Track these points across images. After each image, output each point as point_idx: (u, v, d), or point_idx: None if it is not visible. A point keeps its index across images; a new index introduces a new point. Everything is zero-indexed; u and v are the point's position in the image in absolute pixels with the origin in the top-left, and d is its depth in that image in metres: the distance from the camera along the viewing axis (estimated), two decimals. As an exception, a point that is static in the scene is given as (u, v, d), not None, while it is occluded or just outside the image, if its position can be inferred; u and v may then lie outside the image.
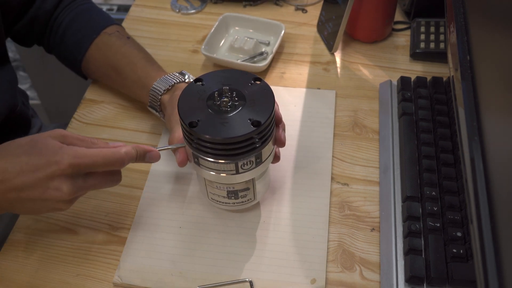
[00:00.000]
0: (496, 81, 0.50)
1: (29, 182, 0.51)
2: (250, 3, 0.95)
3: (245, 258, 0.61)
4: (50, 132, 0.53)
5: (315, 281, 0.58)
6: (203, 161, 0.54)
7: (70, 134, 0.54)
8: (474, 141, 0.47)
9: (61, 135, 0.53)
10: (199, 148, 0.53)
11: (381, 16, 0.84)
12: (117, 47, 0.75)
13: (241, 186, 0.58)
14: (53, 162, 0.50)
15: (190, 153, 0.55)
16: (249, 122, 0.52)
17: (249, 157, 0.53)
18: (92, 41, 0.76)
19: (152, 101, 0.68)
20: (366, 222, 0.64)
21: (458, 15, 0.59)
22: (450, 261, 0.57)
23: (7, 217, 0.77)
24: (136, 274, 0.60)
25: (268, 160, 0.57)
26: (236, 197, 0.59)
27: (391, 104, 0.75)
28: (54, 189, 0.51)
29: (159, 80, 0.68)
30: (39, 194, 0.51)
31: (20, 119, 0.82)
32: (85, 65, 0.78)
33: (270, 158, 0.57)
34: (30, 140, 0.52)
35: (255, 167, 0.55)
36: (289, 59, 0.85)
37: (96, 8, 0.81)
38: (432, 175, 0.64)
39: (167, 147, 0.59)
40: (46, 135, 0.53)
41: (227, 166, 0.53)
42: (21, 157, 0.51)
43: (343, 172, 0.70)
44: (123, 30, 0.79)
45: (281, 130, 0.59)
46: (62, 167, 0.50)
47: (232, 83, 0.55)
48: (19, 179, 0.51)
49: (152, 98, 0.68)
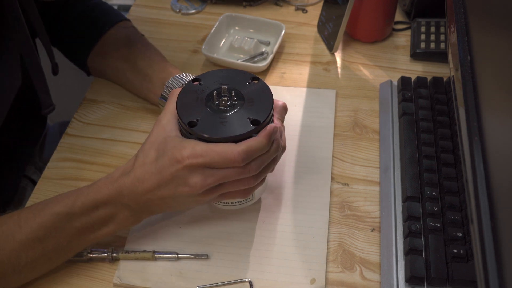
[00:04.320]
0: (496, 81, 0.50)
1: (160, 183, 0.52)
2: (250, 3, 0.95)
3: (244, 258, 0.61)
4: (163, 128, 0.54)
5: (315, 281, 0.58)
6: None
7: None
8: (474, 141, 0.47)
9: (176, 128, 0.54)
10: None
11: (381, 16, 0.84)
12: (132, 41, 0.76)
13: None
14: (175, 161, 0.51)
15: None
16: (248, 121, 0.52)
17: None
18: (105, 33, 0.77)
19: (166, 91, 0.69)
20: (366, 222, 0.64)
21: (458, 15, 0.58)
22: (451, 261, 0.57)
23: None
24: (136, 274, 0.59)
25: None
26: None
27: (392, 104, 0.75)
28: (183, 185, 0.52)
29: (179, 75, 0.69)
30: (172, 192, 0.53)
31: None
32: (93, 58, 0.78)
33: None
34: (150, 146, 0.54)
35: None
36: (290, 59, 0.85)
37: (107, 4, 0.82)
38: (433, 175, 0.64)
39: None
40: (164, 135, 0.53)
41: None
42: (151, 164, 0.53)
43: (343, 172, 0.69)
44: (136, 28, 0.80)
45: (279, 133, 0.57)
46: (183, 164, 0.51)
47: (230, 82, 0.55)
48: (151, 181, 0.52)
49: (168, 89, 0.69)
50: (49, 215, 0.54)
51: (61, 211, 0.54)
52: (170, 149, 0.51)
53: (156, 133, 0.54)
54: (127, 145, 0.73)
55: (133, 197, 0.54)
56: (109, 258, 0.60)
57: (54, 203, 0.55)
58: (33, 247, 0.54)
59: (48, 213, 0.54)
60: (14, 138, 0.80)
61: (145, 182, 0.53)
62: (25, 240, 0.53)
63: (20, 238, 0.53)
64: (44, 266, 0.57)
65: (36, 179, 0.85)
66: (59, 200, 0.55)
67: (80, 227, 0.55)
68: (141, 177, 0.53)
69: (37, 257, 0.55)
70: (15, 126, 0.78)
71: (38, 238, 0.54)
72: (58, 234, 0.54)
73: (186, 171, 0.51)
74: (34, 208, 0.55)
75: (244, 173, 0.52)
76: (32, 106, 0.83)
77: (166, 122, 0.54)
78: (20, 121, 0.80)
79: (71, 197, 0.55)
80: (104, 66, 0.79)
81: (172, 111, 0.55)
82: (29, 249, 0.54)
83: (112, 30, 0.77)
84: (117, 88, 0.80)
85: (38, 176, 0.84)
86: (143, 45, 0.76)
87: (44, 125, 0.90)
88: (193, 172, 0.51)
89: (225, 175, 0.51)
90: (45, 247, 0.54)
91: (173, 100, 0.55)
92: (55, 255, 0.56)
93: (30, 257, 0.54)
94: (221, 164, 0.50)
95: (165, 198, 0.54)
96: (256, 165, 0.52)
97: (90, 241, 0.57)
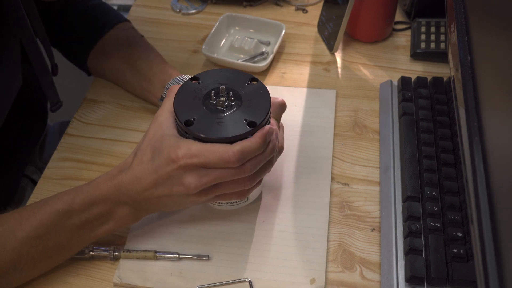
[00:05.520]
0: (496, 81, 0.50)
1: (155, 182, 0.52)
2: (250, 3, 0.95)
3: (244, 258, 0.61)
4: (160, 126, 0.54)
5: (315, 281, 0.58)
6: None
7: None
8: (474, 141, 0.47)
9: (172, 126, 0.54)
10: None
11: (381, 16, 0.84)
12: (132, 42, 0.76)
13: None
14: (170, 161, 0.51)
15: None
16: (245, 122, 0.52)
17: None
18: (105, 34, 0.77)
19: (166, 93, 0.69)
20: (366, 222, 0.64)
21: (458, 15, 0.58)
22: (451, 261, 0.57)
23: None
24: (136, 274, 0.60)
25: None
26: None
27: (392, 104, 0.75)
28: (178, 184, 0.52)
29: (179, 77, 0.69)
30: (168, 192, 0.53)
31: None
32: (93, 59, 0.78)
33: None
34: (148, 144, 0.54)
35: None
36: (290, 59, 0.85)
37: (107, 4, 0.82)
38: (433, 175, 0.64)
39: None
40: (160, 133, 0.53)
41: None
42: (148, 163, 0.53)
43: (344, 172, 0.69)
44: (136, 29, 0.80)
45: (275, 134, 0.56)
46: (178, 164, 0.51)
47: (228, 82, 0.55)
48: (148, 179, 0.53)
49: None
50: (49, 213, 0.54)
51: (60, 208, 0.54)
52: (166, 148, 0.51)
53: (153, 131, 0.54)
54: (127, 145, 0.73)
55: (131, 195, 0.54)
56: (110, 256, 0.60)
57: (54, 200, 0.55)
58: (34, 245, 0.54)
59: (48, 211, 0.54)
60: (14, 138, 0.80)
61: (142, 180, 0.53)
62: (26, 238, 0.54)
63: (21, 236, 0.54)
64: (45, 265, 0.57)
65: (36, 179, 0.85)
66: (59, 198, 0.55)
67: (79, 224, 0.55)
68: (139, 175, 0.53)
69: (38, 255, 0.55)
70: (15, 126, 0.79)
71: (39, 235, 0.54)
72: (58, 231, 0.55)
73: (181, 171, 0.51)
74: (34, 206, 0.56)
75: (239, 173, 0.52)
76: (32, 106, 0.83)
77: (163, 120, 0.54)
78: (20, 121, 0.80)
79: (71, 195, 0.55)
80: (103, 67, 0.79)
81: (169, 108, 0.55)
82: (30, 247, 0.54)
83: (111, 31, 0.77)
84: (117, 88, 0.80)
85: (38, 175, 0.85)
86: (142, 47, 0.76)
87: (44, 125, 0.90)
88: (188, 172, 0.51)
89: (220, 175, 0.51)
90: (46, 245, 0.55)
91: (171, 97, 0.55)
92: (55, 253, 0.56)
93: (31, 255, 0.54)
94: (216, 164, 0.50)
95: (161, 197, 0.54)
96: (251, 165, 0.52)
97: (90, 239, 0.57)
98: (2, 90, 0.63)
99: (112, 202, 0.55)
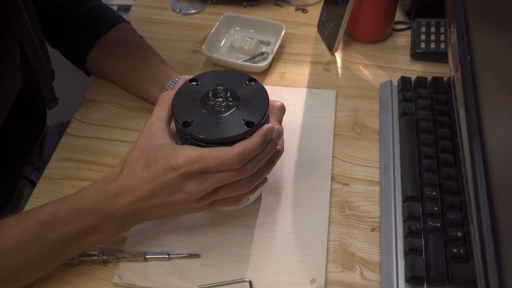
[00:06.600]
0: (496, 81, 0.50)
1: (154, 191, 0.51)
2: (250, 3, 0.95)
3: (244, 258, 0.61)
4: (153, 135, 0.53)
5: (315, 281, 0.58)
6: None
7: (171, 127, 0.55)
8: (474, 141, 0.47)
9: (165, 131, 0.53)
10: None
11: (381, 16, 0.84)
12: (131, 43, 0.76)
13: None
14: (170, 169, 0.50)
15: None
16: (243, 122, 0.52)
17: None
18: (104, 34, 0.77)
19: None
20: (366, 222, 0.64)
21: (458, 15, 0.58)
22: (451, 261, 0.57)
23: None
24: (136, 274, 0.60)
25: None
26: None
27: (392, 104, 0.75)
28: (178, 192, 0.51)
29: (178, 77, 0.69)
30: (166, 200, 0.52)
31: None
32: (92, 59, 0.78)
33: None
34: (140, 154, 0.52)
35: None
36: (290, 59, 0.85)
37: (106, 5, 0.82)
38: (433, 175, 0.64)
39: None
40: (154, 142, 0.52)
41: None
42: (142, 172, 0.51)
43: (344, 172, 0.69)
44: (135, 30, 0.80)
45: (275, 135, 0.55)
46: (179, 172, 0.50)
47: (227, 83, 0.55)
48: (143, 189, 0.51)
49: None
50: (32, 224, 0.53)
51: (44, 220, 0.53)
52: (164, 157, 0.50)
53: (145, 141, 0.53)
54: (127, 145, 0.73)
55: (119, 206, 0.52)
56: (99, 260, 0.60)
57: (37, 211, 0.54)
58: (16, 256, 0.52)
59: (31, 222, 0.53)
60: (13, 138, 0.80)
61: (136, 191, 0.51)
62: (8, 248, 0.52)
63: (2, 247, 0.52)
64: (28, 277, 0.56)
65: (33, 179, 0.85)
66: (42, 209, 0.54)
67: (63, 237, 0.54)
68: (131, 185, 0.52)
69: (20, 267, 0.53)
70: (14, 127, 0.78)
71: (21, 246, 0.52)
72: (41, 243, 0.53)
73: (182, 179, 0.50)
74: (17, 217, 0.54)
75: (239, 175, 0.51)
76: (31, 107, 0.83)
77: (156, 129, 0.53)
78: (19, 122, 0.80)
79: (55, 206, 0.54)
80: (103, 67, 0.79)
81: (161, 117, 0.54)
82: (12, 258, 0.52)
83: (110, 32, 0.77)
84: (117, 88, 0.80)
85: (36, 176, 0.85)
86: (142, 47, 0.76)
87: (43, 125, 0.90)
88: (189, 179, 0.50)
89: (221, 178, 0.51)
90: (28, 257, 0.53)
91: (162, 105, 0.54)
92: (38, 265, 0.55)
93: (12, 266, 0.53)
94: (217, 168, 0.50)
95: (157, 206, 0.53)
96: (251, 165, 0.51)
97: (74, 252, 0.56)
98: (2, 93, 0.63)
99: (98, 214, 0.53)
